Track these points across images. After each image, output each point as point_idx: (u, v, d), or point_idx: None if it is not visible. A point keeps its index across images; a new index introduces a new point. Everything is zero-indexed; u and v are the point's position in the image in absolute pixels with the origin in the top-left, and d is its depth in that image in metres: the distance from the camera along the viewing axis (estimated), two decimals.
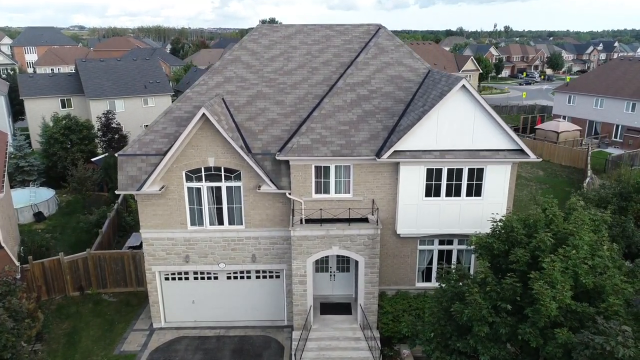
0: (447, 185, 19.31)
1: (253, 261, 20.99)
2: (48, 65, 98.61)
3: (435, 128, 18.53)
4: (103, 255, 24.31)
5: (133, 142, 19.91)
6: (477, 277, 13.66)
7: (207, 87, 21.92)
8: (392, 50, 23.05)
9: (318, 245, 19.06)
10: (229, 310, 21.90)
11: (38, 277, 23.45)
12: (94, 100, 50.98)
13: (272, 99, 21.58)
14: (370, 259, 19.22)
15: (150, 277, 21.13)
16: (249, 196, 20.16)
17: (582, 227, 13.16)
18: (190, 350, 20.37)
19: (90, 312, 23.15)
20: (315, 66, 22.98)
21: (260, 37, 24.21)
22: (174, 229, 20.51)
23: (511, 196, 19.70)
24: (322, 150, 19.06)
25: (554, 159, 50.90)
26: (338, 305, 21.61)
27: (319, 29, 24.72)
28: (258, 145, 19.91)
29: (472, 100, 18.20)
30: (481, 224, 19.63)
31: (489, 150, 18.77)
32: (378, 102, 20.88)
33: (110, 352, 20.37)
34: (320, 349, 19.41)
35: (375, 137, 19.57)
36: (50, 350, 20.50)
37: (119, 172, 19.53)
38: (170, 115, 20.78)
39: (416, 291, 20.86)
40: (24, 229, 31.56)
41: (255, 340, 20.95)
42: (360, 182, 19.62)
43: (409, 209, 19.48)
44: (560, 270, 12.38)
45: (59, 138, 37.67)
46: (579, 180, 45.07)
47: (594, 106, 58.43)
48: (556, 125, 54.80)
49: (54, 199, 34.82)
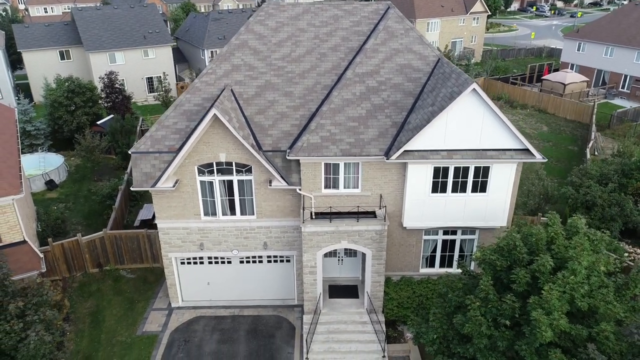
0: (454, 182, 19.83)
1: (265, 248, 21.96)
2: (41, 5, 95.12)
3: (443, 128, 18.75)
4: (119, 235, 25.30)
5: (145, 138, 20.19)
6: (480, 294, 14.57)
7: (215, 77, 21.82)
8: (402, 34, 22.65)
9: (328, 240, 19.92)
10: (243, 291, 23.19)
11: (59, 257, 24.57)
12: (93, 53, 50.06)
13: (281, 89, 21.55)
14: (378, 252, 20.16)
15: (167, 262, 22.20)
16: (260, 189, 20.74)
17: (581, 253, 13.85)
18: (208, 330, 21.84)
19: (110, 290, 24.49)
20: (323, 52, 22.69)
21: (267, 17, 23.67)
22: (188, 219, 21.29)
23: (515, 191, 20.25)
24: (331, 149, 19.40)
25: (559, 112, 50.77)
26: (346, 288, 22.85)
27: (327, 9, 24.09)
28: (268, 142, 20.20)
29: (482, 103, 18.29)
30: (485, 218, 20.43)
31: (496, 150, 19.10)
32: (387, 95, 20.89)
33: (134, 333, 21.87)
34: (329, 332, 20.84)
35: (384, 134, 19.82)
36: (77, 330, 22.00)
37: (134, 169, 19.99)
38: (180, 108, 20.88)
39: (420, 277, 21.99)
40: (37, 198, 32.40)
41: (268, 321, 22.38)
42: (369, 178, 20.12)
43: (415, 204, 20.14)
44: (557, 296, 13.24)
45: (62, 102, 37.57)
46: (582, 137, 45.28)
47: (604, 55, 57.23)
48: (563, 77, 54.06)
49: (64, 166, 35.39)
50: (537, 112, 51.62)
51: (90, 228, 29.51)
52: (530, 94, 53.46)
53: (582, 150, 42.13)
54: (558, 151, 42.45)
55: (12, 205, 19.12)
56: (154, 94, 53.03)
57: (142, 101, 53.86)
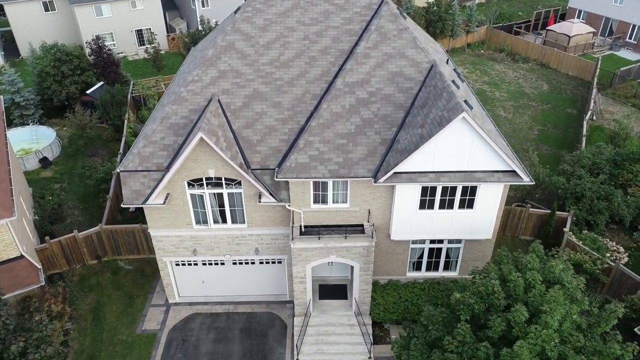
0: (441, 199, 20.00)
1: (256, 253, 22.58)
2: None
3: (432, 151, 18.62)
4: (115, 229, 25.84)
5: (133, 155, 20.09)
6: (457, 336, 15.32)
7: (201, 85, 21.25)
8: (395, 36, 21.74)
9: (317, 255, 20.48)
10: (236, 288, 24.14)
11: (57, 252, 25.28)
12: (78, 6, 47.81)
13: (269, 99, 21.08)
14: (365, 265, 20.79)
15: (162, 265, 22.92)
16: (250, 201, 20.96)
17: (555, 307, 14.36)
18: (204, 329, 23.03)
19: (110, 283, 25.46)
20: (313, 55, 21.90)
21: (254, 14, 22.57)
22: (181, 228, 21.71)
23: (502, 205, 20.46)
24: (319, 170, 19.38)
25: (561, 67, 49.51)
26: (335, 288, 23.75)
27: (317, 2, 22.89)
28: (257, 160, 20.12)
29: (471, 129, 18.02)
30: (471, 231, 20.84)
31: (484, 172, 19.08)
32: (377, 107, 20.48)
33: (134, 331, 23.07)
34: (319, 334, 22.00)
35: (372, 152, 19.69)
36: (80, 329, 23.19)
37: (123, 187, 20.10)
38: (166, 122, 20.57)
39: (407, 280, 22.78)
40: (32, 177, 32.61)
41: (261, 318, 23.51)
42: (357, 195, 20.27)
43: (403, 220, 20.45)
44: (529, 350, 13.98)
45: (50, 72, 36.60)
46: (583, 98, 44.51)
47: (614, 2, 54.62)
48: (569, 28, 52.05)
49: (57, 142, 35.20)
50: (539, 67, 50.31)
51: (87, 212, 30.07)
52: (534, 46, 51.75)
53: (581, 114, 41.66)
54: (556, 115, 41.95)
55: (6, 226, 19.45)
56: (144, 47, 51.32)
57: (132, 55, 52.27)
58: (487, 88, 46.00)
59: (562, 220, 26.20)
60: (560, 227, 25.88)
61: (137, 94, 39.70)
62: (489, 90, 45.59)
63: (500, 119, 40.89)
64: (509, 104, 43.39)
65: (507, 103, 43.45)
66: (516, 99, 44.26)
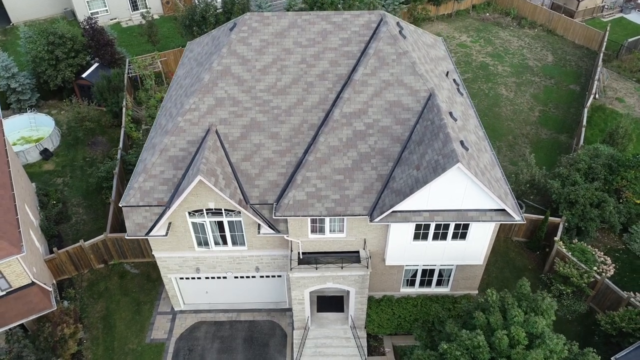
0: (434, 232, 20.60)
1: (257, 271, 23.55)
2: None
3: (427, 194, 18.97)
4: (119, 237, 26.68)
5: (134, 190, 20.45)
6: None
7: (199, 114, 21.17)
8: (394, 61, 21.33)
9: (314, 282, 21.43)
10: (239, 298, 25.35)
11: (65, 261, 26.29)
12: None
13: (266, 130, 21.08)
14: (361, 289, 21.79)
15: (167, 280, 23.98)
16: (249, 229, 21.59)
17: None
18: (209, 338, 24.47)
19: (117, 289, 26.67)
20: (310, 80, 21.61)
21: (250, 35, 22.01)
22: (184, 251, 22.51)
23: (494, 236, 21.06)
24: (317, 208, 19.82)
25: (568, 35, 48.15)
26: (332, 300, 24.90)
27: (315, 21, 22.23)
28: (255, 195, 20.49)
29: (465, 176, 18.27)
30: (463, 258, 21.65)
31: (477, 211, 19.52)
32: (374, 141, 20.55)
33: (143, 340, 24.54)
34: (317, 346, 23.45)
35: (369, 189, 20.03)
36: (92, 337, 24.65)
37: (126, 220, 20.65)
38: (165, 154, 20.74)
39: (400, 295, 23.89)
40: (35, 171, 33.03)
41: (263, 327, 24.90)
42: (353, 227, 20.84)
43: (397, 249, 21.17)
44: None
45: (44, 56, 35.90)
46: (587, 72, 43.70)
47: None
48: None
49: (56, 131, 35.21)
50: (545, 34, 48.89)
51: (91, 210, 30.80)
52: (541, 10, 49.97)
53: (584, 91, 41.15)
54: (559, 93, 41.45)
55: (16, 259, 20.24)
56: (138, 12, 49.69)
57: (126, 20, 50.66)
58: (490, 61, 45.01)
59: (554, 225, 26.94)
60: (553, 231, 26.69)
61: (134, 73, 39.07)
62: (492, 63, 44.62)
63: (501, 99, 40.47)
64: (512, 80, 42.69)
65: (510, 79, 42.73)
66: (519, 73, 43.45)
